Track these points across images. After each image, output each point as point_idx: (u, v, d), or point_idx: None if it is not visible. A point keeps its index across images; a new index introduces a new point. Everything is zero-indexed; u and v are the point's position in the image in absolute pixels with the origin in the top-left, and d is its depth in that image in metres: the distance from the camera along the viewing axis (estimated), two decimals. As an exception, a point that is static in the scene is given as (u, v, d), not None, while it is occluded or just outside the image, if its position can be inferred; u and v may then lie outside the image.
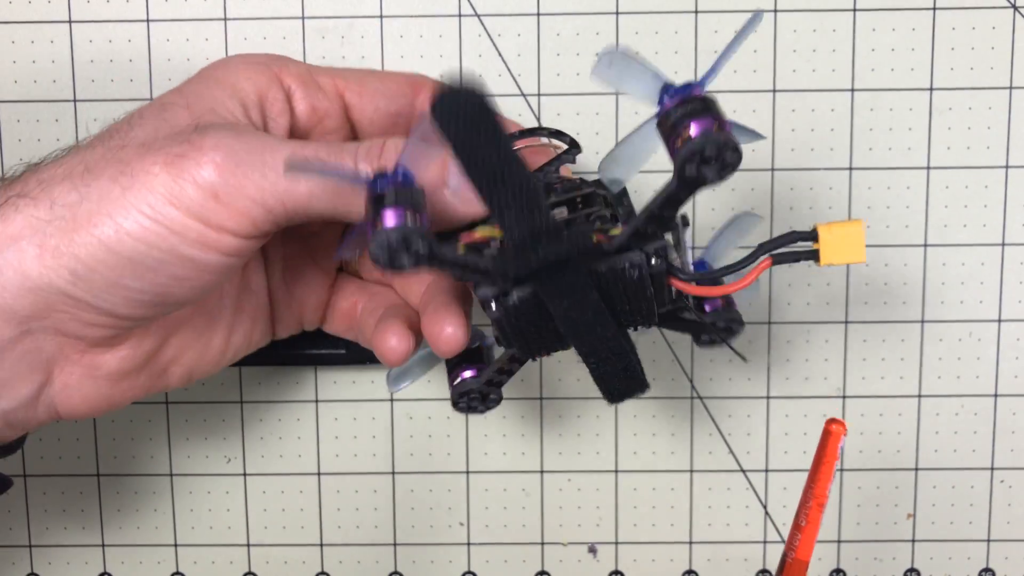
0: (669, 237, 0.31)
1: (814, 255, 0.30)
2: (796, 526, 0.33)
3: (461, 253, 0.30)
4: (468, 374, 0.33)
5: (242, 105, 0.32)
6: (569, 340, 0.30)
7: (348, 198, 0.29)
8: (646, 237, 0.29)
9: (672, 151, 0.28)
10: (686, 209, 0.30)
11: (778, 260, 0.31)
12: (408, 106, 0.34)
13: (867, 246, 0.41)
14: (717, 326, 0.32)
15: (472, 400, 0.33)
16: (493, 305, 0.30)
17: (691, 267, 0.32)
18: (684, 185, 0.27)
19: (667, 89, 0.28)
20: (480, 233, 0.30)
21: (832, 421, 0.32)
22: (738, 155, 0.27)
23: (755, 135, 0.31)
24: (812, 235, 0.30)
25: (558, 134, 0.36)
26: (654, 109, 0.29)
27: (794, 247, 0.31)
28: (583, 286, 0.29)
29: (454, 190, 0.29)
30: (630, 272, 0.29)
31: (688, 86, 0.28)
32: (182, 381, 0.34)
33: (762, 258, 0.30)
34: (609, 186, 0.32)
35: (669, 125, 0.28)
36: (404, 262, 0.27)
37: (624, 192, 0.33)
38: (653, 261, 0.29)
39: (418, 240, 0.27)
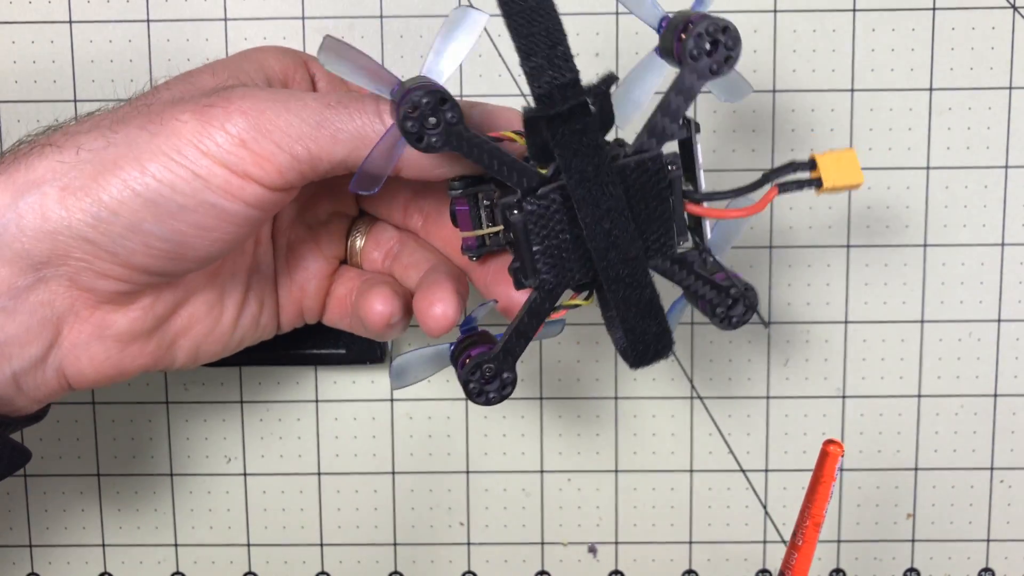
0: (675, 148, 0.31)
1: (817, 183, 0.31)
2: (793, 545, 0.33)
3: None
4: (476, 351, 0.31)
5: (267, 78, 0.33)
6: (593, 251, 0.29)
7: (370, 141, 0.29)
8: (662, 135, 0.30)
9: (676, 53, 0.29)
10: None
11: (783, 189, 0.31)
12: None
13: (867, 246, 0.41)
14: (732, 293, 0.31)
15: (486, 377, 0.30)
16: (516, 212, 0.29)
17: (703, 187, 0.32)
18: (690, 71, 0.29)
19: (666, 17, 0.30)
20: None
21: (829, 442, 0.32)
22: (734, 36, 0.28)
23: (746, 84, 0.33)
24: (810, 164, 0.31)
25: None
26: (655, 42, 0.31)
27: (797, 176, 0.31)
28: (607, 175, 0.29)
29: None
30: (651, 166, 0.30)
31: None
32: (188, 358, 0.34)
33: (768, 186, 0.30)
34: (619, 123, 0.31)
35: (670, 41, 0.29)
36: (433, 132, 0.28)
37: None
38: (670, 167, 0.30)
39: (449, 105, 0.27)
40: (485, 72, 0.41)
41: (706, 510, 0.43)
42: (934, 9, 0.40)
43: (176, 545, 0.44)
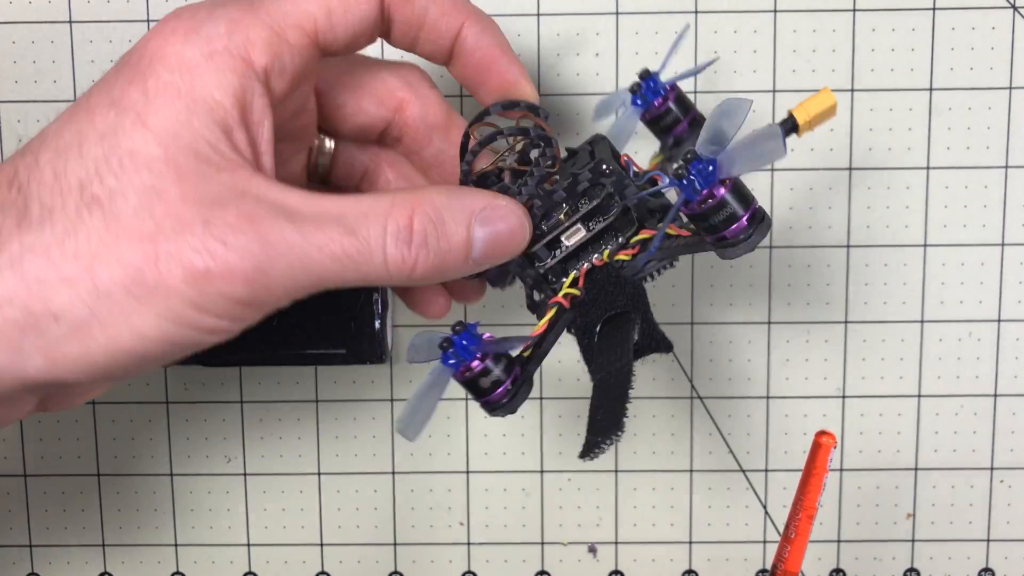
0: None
1: (792, 124, 0.30)
2: (785, 538, 0.33)
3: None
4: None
5: (222, 129, 0.26)
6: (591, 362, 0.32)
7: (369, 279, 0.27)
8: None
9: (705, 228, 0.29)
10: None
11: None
12: (391, 114, 0.32)
13: (867, 246, 0.41)
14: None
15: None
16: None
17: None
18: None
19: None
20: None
21: (822, 433, 0.32)
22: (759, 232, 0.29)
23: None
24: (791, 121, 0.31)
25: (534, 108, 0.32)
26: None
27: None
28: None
29: (476, 259, 0.29)
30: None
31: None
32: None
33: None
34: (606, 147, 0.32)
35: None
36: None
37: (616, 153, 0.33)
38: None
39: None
40: (485, 72, 0.41)
41: (706, 510, 0.43)
42: (934, 9, 0.40)
43: (176, 545, 0.44)
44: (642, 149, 0.40)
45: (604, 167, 0.30)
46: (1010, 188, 0.41)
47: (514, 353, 0.30)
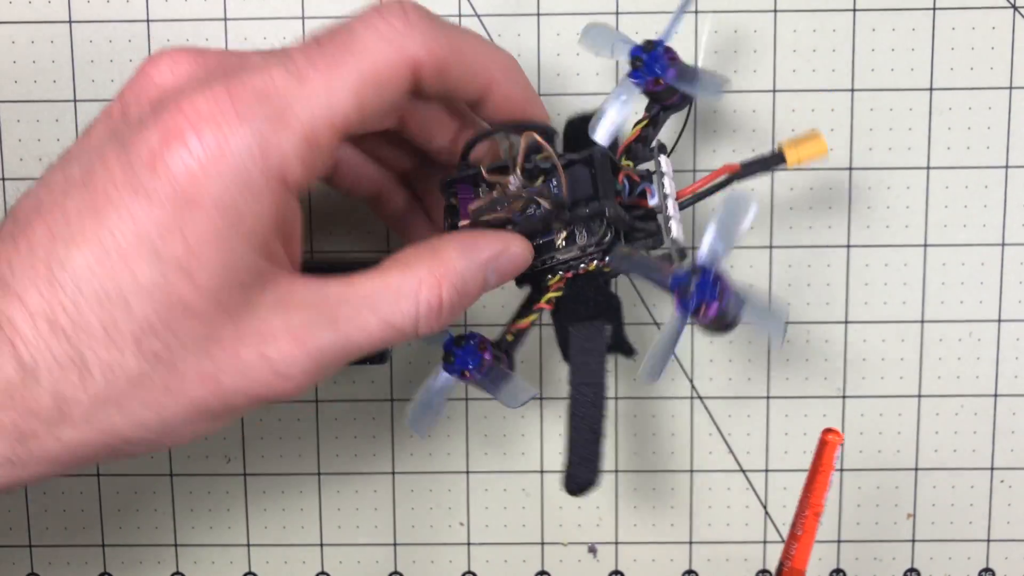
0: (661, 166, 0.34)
1: (781, 158, 0.35)
2: (792, 535, 0.33)
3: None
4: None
5: (264, 255, 0.26)
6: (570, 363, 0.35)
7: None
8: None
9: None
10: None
11: (746, 170, 0.35)
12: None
13: (867, 246, 0.41)
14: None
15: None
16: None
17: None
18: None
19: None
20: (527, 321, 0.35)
21: (828, 431, 0.32)
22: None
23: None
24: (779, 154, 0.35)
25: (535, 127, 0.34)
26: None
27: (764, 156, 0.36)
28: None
29: (490, 278, 0.31)
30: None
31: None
32: None
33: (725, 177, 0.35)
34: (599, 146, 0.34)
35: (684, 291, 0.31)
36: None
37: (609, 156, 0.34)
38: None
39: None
40: (485, 72, 0.41)
41: (706, 510, 0.43)
42: (934, 9, 0.40)
43: (176, 545, 0.44)
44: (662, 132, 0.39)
45: (606, 211, 0.32)
46: (1010, 188, 0.41)
47: (513, 400, 0.34)
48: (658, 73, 0.33)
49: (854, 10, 0.40)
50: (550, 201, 0.32)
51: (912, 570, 0.44)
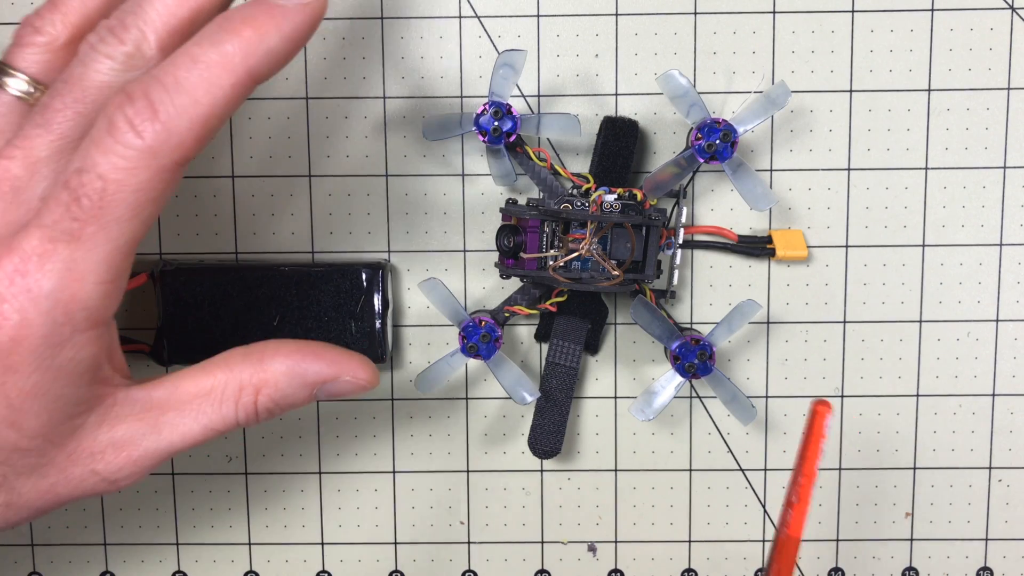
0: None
1: (771, 252, 0.41)
2: (788, 503, 0.33)
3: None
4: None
5: (89, 382, 0.28)
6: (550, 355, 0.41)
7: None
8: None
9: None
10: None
11: (739, 247, 0.41)
12: None
13: (866, 246, 0.41)
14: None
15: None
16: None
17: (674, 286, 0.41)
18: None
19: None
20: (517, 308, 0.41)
21: (819, 402, 0.33)
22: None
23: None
24: (768, 239, 0.41)
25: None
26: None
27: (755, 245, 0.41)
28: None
29: (320, 396, 0.32)
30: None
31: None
32: None
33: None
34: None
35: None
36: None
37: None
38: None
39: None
40: (486, 74, 0.41)
41: (705, 509, 0.43)
42: (932, 10, 0.40)
43: (177, 544, 0.44)
44: (661, 130, 0.40)
45: (646, 280, 0.39)
46: (1008, 188, 0.41)
47: (529, 399, 0.40)
48: (719, 160, 0.38)
49: (852, 11, 0.40)
50: (610, 266, 0.38)
51: (910, 569, 0.44)
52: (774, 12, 0.40)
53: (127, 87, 0.26)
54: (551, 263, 0.38)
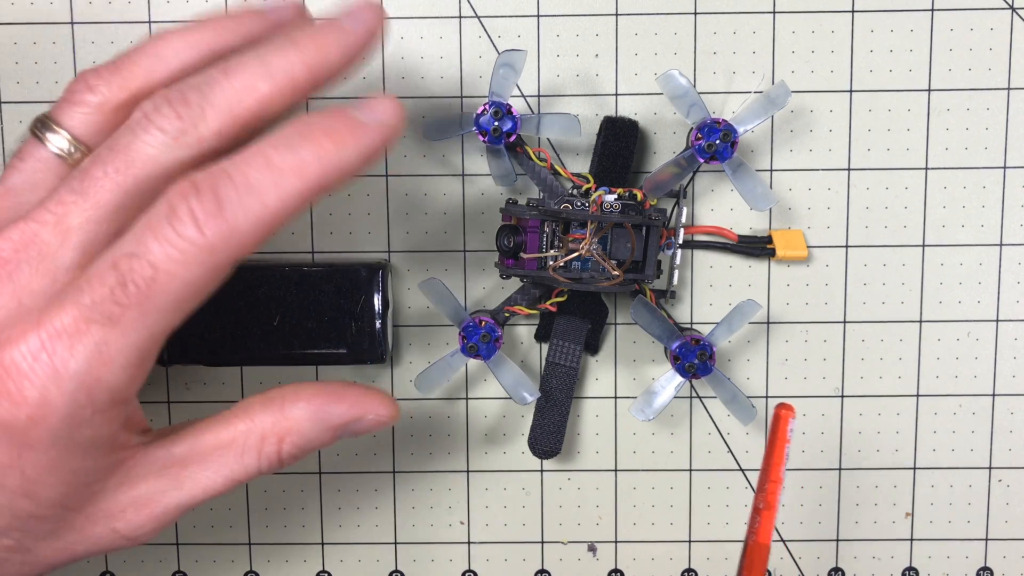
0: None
1: (771, 252, 0.41)
2: (755, 510, 0.33)
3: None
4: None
5: (102, 452, 0.28)
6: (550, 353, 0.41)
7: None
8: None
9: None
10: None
11: (743, 240, 0.41)
12: None
13: (865, 246, 0.42)
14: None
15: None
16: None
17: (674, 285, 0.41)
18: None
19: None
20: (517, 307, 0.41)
21: (781, 406, 0.33)
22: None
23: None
24: (768, 239, 0.41)
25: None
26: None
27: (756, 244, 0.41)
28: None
29: (344, 436, 0.31)
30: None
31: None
32: None
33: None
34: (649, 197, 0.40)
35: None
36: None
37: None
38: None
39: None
40: (486, 74, 0.41)
41: (705, 509, 0.43)
42: (932, 10, 0.40)
43: (177, 544, 0.44)
44: (661, 130, 0.40)
45: (646, 279, 0.39)
46: (1008, 189, 0.41)
47: (530, 399, 0.40)
48: (719, 160, 0.38)
49: (852, 11, 0.40)
50: (610, 266, 0.38)
51: (910, 569, 0.44)
52: (774, 12, 0.40)
53: (195, 177, 0.25)
54: (551, 263, 0.38)
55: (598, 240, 0.38)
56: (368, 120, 0.27)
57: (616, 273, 0.38)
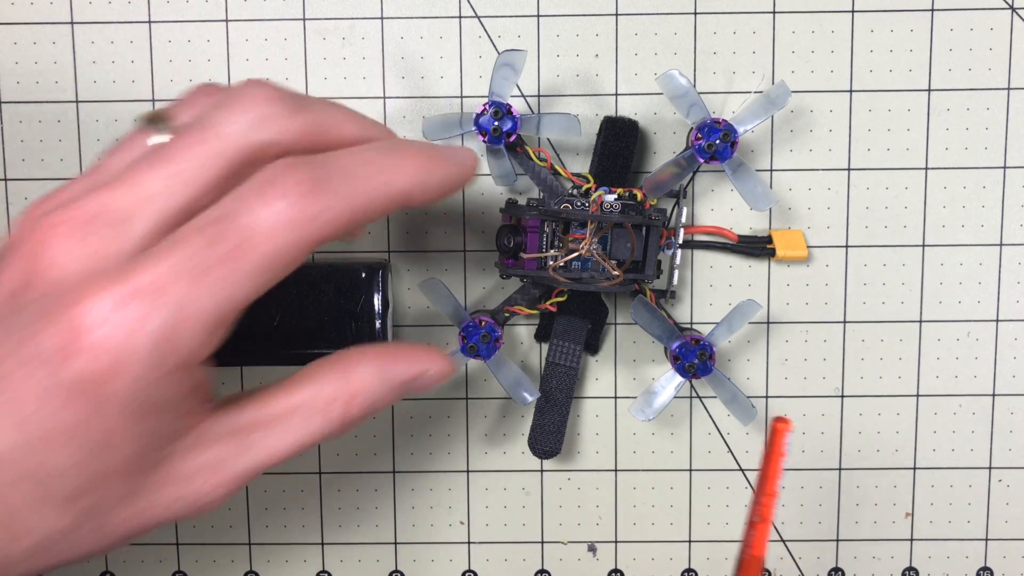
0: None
1: (771, 252, 0.41)
2: (750, 523, 0.33)
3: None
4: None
5: (175, 415, 0.28)
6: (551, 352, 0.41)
7: None
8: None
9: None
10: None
11: (743, 240, 0.42)
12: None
13: (865, 246, 0.42)
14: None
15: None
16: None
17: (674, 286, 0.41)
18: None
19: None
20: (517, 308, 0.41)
21: (778, 419, 0.33)
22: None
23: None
24: (768, 239, 0.41)
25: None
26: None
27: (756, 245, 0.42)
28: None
29: (404, 393, 0.31)
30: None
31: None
32: None
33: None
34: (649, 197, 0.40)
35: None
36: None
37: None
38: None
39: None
40: (486, 74, 0.41)
41: (705, 509, 0.43)
42: (932, 10, 0.40)
43: (177, 544, 0.44)
44: (660, 130, 0.40)
45: (646, 279, 0.39)
46: (1008, 189, 0.41)
47: (530, 399, 0.40)
48: (719, 160, 0.38)
49: (852, 11, 0.40)
50: (611, 266, 0.38)
51: (910, 569, 0.44)
52: (774, 12, 0.40)
53: (299, 157, 0.26)
54: (551, 263, 0.38)
55: (598, 240, 0.38)
56: (450, 156, 0.29)
57: (616, 273, 0.38)
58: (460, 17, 0.41)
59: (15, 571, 0.27)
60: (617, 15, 0.41)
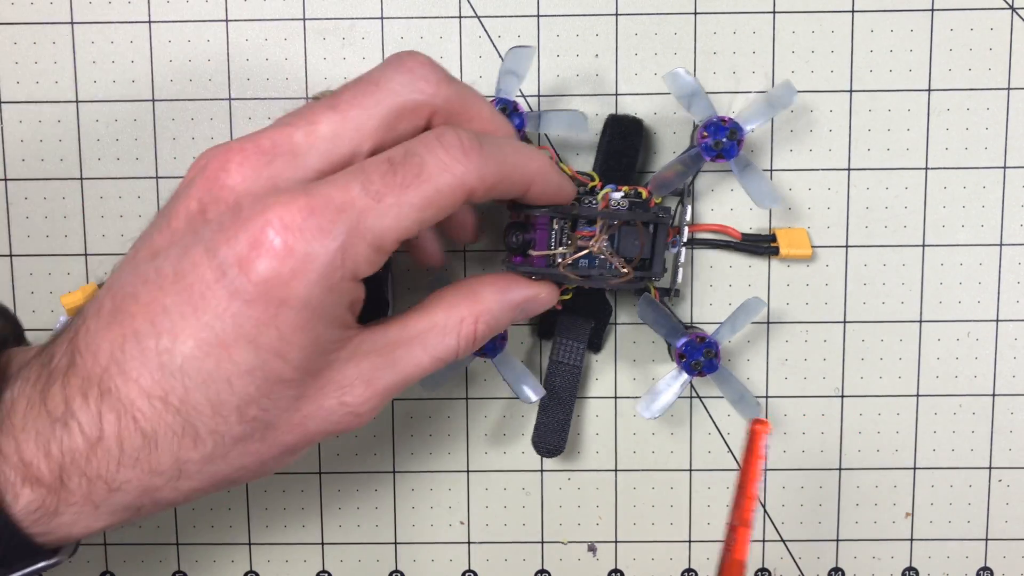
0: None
1: (774, 250, 0.41)
2: (731, 527, 0.33)
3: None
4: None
5: (339, 326, 0.31)
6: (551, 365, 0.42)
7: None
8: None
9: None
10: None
11: (742, 245, 0.42)
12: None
13: (865, 246, 0.42)
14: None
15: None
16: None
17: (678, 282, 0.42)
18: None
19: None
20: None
21: (755, 422, 0.34)
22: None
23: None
24: (772, 237, 0.42)
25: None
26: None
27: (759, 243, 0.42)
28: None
29: (519, 316, 0.36)
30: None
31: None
32: None
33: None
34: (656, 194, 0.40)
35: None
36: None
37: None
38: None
39: None
40: (486, 74, 0.41)
41: (705, 509, 0.43)
42: (932, 10, 0.40)
43: (178, 544, 0.44)
44: (661, 130, 0.40)
45: (652, 279, 0.39)
46: (1008, 189, 0.41)
47: (534, 397, 0.41)
48: (726, 158, 0.38)
49: (853, 11, 0.40)
50: (619, 263, 0.37)
51: (910, 569, 0.44)
52: (774, 12, 0.40)
53: (464, 129, 0.31)
54: (560, 260, 0.38)
55: (607, 237, 0.38)
56: (560, 172, 0.35)
57: (625, 270, 0.38)
58: (460, 17, 0.41)
59: (190, 483, 0.30)
60: (617, 15, 0.41)
